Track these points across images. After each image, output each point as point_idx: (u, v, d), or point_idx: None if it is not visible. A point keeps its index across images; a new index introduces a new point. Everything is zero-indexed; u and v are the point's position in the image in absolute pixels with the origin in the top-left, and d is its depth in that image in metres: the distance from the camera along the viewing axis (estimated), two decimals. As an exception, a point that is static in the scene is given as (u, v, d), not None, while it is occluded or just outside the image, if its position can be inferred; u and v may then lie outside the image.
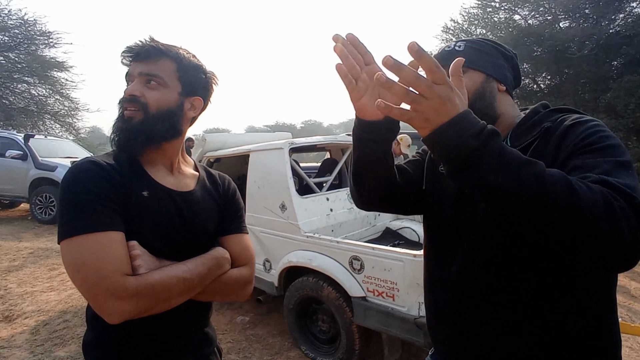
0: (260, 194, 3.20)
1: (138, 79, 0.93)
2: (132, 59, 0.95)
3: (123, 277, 0.77)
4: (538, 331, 0.82)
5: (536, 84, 12.26)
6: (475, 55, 0.95)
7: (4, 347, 3.04)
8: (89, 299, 0.78)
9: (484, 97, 0.94)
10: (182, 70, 0.97)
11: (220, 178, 1.17)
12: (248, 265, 1.08)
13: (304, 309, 2.90)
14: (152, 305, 0.82)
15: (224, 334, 3.27)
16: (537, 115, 0.91)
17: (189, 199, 1.01)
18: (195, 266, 0.91)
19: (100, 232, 0.79)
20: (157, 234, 0.91)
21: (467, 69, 0.95)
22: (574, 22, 10.92)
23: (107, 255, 0.78)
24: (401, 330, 2.18)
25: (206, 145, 3.85)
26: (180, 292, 0.86)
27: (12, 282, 4.41)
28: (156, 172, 0.98)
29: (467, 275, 0.93)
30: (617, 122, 8.97)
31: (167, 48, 0.96)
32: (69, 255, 0.78)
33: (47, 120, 16.18)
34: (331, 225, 3.14)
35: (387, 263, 2.25)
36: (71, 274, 0.79)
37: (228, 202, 1.13)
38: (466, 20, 13.05)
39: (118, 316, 0.77)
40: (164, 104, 0.94)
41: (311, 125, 55.70)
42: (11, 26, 13.93)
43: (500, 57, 0.97)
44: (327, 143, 3.86)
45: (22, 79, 15.10)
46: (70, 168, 0.86)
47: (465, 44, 0.97)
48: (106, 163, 0.88)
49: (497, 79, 0.96)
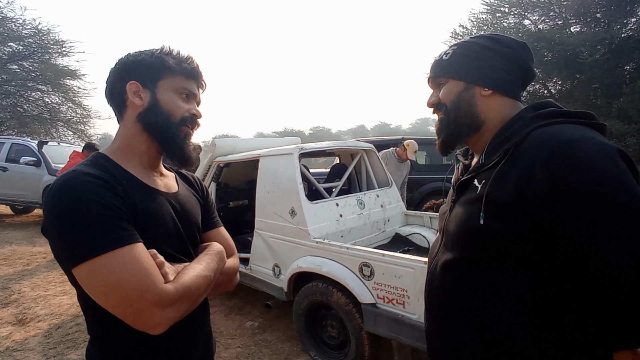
0: (270, 199, 3.21)
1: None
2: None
3: (163, 286, 0.77)
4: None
5: (547, 89, 12.13)
6: (458, 63, 0.94)
7: (18, 350, 3.08)
8: (130, 315, 0.74)
9: (459, 107, 0.94)
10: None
11: (190, 176, 1.20)
12: (235, 255, 1.14)
13: (314, 314, 2.89)
14: (190, 307, 0.84)
15: (233, 339, 3.28)
16: (518, 122, 0.85)
17: (179, 200, 1.02)
18: (208, 263, 0.93)
19: (125, 245, 0.76)
20: (166, 238, 0.92)
21: (445, 80, 0.97)
22: (585, 27, 10.82)
23: (142, 268, 0.76)
24: (411, 338, 2.16)
25: (216, 150, 3.88)
26: (205, 290, 0.89)
27: (26, 286, 4.47)
28: (144, 176, 0.96)
29: (435, 275, 0.96)
30: (631, 128, 8.83)
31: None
32: (98, 276, 0.74)
33: (59, 127, 16.38)
34: (341, 231, 3.13)
35: (398, 270, 2.24)
36: (103, 295, 0.75)
37: (205, 198, 1.18)
38: (475, 26, 12.99)
39: (165, 325, 0.77)
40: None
41: (319, 132, 55.72)
42: (25, 35, 14.17)
43: (492, 57, 0.92)
44: (337, 148, 3.87)
45: (36, 87, 15.33)
46: (62, 185, 0.79)
47: (455, 50, 0.96)
48: (98, 173, 0.83)
49: (480, 84, 0.92)
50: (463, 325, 0.86)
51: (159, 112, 0.94)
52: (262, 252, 3.29)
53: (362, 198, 3.50)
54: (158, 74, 0.95)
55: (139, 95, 0.94)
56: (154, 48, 0.98)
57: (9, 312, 3.80)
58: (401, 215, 3.90)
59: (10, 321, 3.60)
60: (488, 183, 0.80)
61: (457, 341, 0.88)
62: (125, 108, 0.96)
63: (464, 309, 0.86)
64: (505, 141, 0.83)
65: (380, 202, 3.68)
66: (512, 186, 0.75)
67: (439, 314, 0.95)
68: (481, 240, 0.81)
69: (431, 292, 0.99)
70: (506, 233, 0.76)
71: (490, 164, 0.83)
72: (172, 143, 0.97)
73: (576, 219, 0.67)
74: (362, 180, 4.07)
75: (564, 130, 0.74)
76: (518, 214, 0.74)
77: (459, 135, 0.96)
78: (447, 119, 0.96)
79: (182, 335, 0.97)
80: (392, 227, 3.71)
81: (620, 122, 8.87)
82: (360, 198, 3.48)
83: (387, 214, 3.69)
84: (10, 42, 14.06)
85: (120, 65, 0.96)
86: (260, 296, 3.82)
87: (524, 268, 0.76)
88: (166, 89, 0.95)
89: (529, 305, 0.76)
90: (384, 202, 3.71)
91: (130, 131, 0.96)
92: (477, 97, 0.92)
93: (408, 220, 3.94)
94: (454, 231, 0.90)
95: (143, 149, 0.97)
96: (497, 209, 0.77)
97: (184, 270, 0.86)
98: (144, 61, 0.95)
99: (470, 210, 0.85)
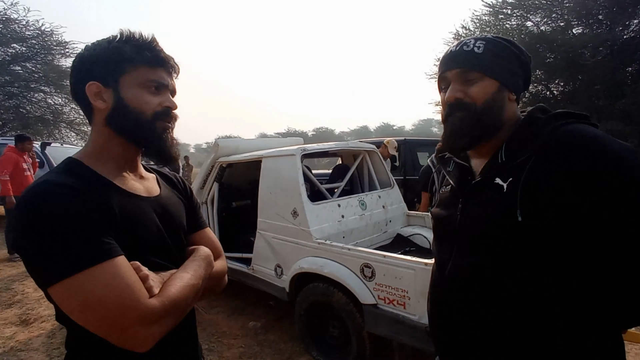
0: (272, 200, 3.23)
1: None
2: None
3: (148, 302, 0.72)
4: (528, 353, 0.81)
5: (549, 90, 12.12)
6: (493, 61, 0.89)
7: (22, 350, 3.10)
8: (114, 335, 0.70)
9: (492, 108, 0.90)
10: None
11: (172, 176, 1.12)
12: (222, 257, 1.07)
13: (315, 314, 2.90)
14: (178, 320, 0.80)
15: (236, 339, 3.29)
16: (534, 123, 0.87)
17: (162, 203, 0.95)
18: (195, 270, 0.88)
19: (106, 261, 0.70)
20: (150, 247, 0.86)
21: (482, 76, 0.90)
22: (587, 28, 10.81)
23: (123, 284, 0.70)
24: (412, 338, 2.17)
25: (219, 150, 3.89)
26: (193, 299, 0.85)
27: (29, 287, 4.49)
28: (123, 181, 0.88)
29: (457, 280, 0.92)
30: (633, 129, 8.82)
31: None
32: (77, 295, 0.68)
33: (62, 128, 16.45)
34: (342, 232, 3.14)
35: (399, 271, 2.25)
36: (83, 315, 0.69)
37: (189, 199, 1.10)
38: (478, 27, 12.99)
39: (152, 342, 0.72)
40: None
41: (322, 133, 55.65)
42: (29, 37, 14.21)
43: (516, 63, 0.92)
44: (339, 149, 3.88)
45: (39, 88, 15.38)
46: (32, 197, 0.71)
47: (485, 45, 0.90)
48: (72, 182, 0.76)
49: (510, 88, 0.91)
50: (490, 330, 0.85)
51: (126, 112, 0.84)
52: (264, 252, 3.30)
53: (364, 199, 3.51)
54: (118, 68, 0.84)
55: (101, 97, 0.84)
56: (112, 36, 0.87)
57: (13, 312, 3.82)
58: (403, 216, 3.91)
59: (14, 322, 3.62)
60: (521, 180, 0.80)
61: (484, 345, 0.87)
62: (91, 111, 0.87)
63: (496, 313, 0.84)
64: (527, 140, 0.84)
65: (382, 203, 3.69)
66: (551, 179, 0.77)
67: (462, 320, 0.91)
68: (516, 239, 0.80)
69: (450, 299, 0.95)
70: (546, 227, 0.77)
71: (517, 162, 0.84)
72: (150, 142, 0.89)
73: (613, 203, 0.72)
74: (364, 181, 4.08)
75: (585, 129, 0.79)
76: (559, 205, 0.75)
77: (483, 136, 0.92)
78: (473, 119, 0.90)
79: (167, 346, 0.89)
80: (393, 228, 3.72)
81: (622, 124, 8.87)
82: (362, 199, 3.49)
83: (389, 215, 3.70)
84: (13, 43, 14.11)
85: (78, 63, 0.86)
86: (262, 297, 3.83)
87: (559, 266, 0.78)
88: (130, 85, 0.85)
89: (564, 303, 0.78)
90: (385, 203, 3.72)
91: (101, 136, 0.87)
92: (506, 101, 0.92)
93: (410, 221, 3.94)
94: (477, 233, 0.88)
95: (119, 153, 0.89)
96: (536, 203, 0.77)
97: (170, 281, 0.81)
98: (100, 56, 0.84)
99: (497, 209, 0.84)
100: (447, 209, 1.01)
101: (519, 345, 0.81)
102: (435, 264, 1.04)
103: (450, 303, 0.95)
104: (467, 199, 0.94)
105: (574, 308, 0.77)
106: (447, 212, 1.00)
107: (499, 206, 0.83)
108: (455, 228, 0.94)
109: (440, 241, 1.04)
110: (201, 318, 3.62)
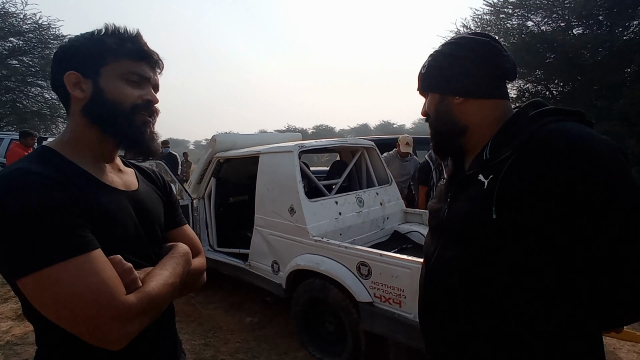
0: (270, 197, 3.22)
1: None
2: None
3: (125, 299, 0.69)
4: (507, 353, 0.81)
5: (548, 90, 12.14)
6: (430, 76, 0.99)
7: (18, 344, 3.10)
8: (86, 332, 0.67)
9: (438, 118, 0.99)
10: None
11: (151, 171, 1.09)
12: (201, 254, 1.06)
13: (311, 310, 2.91)
14: (153, 318, 0.78)
15: (233, 334, 3.30)
16: (520, 119, 0.87)
17: (139, 198, 0.93)
18: (173, 268, 0.86)
19: (82, 254, 0.68)
20: (125, 242, 0.84)
21: (426, 94, 1.02)
22: (587, 29, 10.80)
23: (99, 279, 0.67)
24: (407, 337, 2.18)
25: (216, 145, 3.87)
26: (170, 297, 0.83)
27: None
28: (100, 173, 0.86)
29: (439, 271, 0.94)
30: (631, 130, 8.84)
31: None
32: (48, 290, 0.65)
33: (59, 123, 16.36)
34: (340, 229, 3.14)
35: (395, 270, 2.25)
36: (54, 311, 0.66)
37: (168, 195, 1.08)
38: (479, 26, 12.97)
39: (126, 340, 0.70)
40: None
41: (323, 130, 55.69)
42: (26, 30, 14.14)
43: (455, 64, 0.94)
44: (337, 145, 3.88)
45: (36, 82, 15.32)
46: (4, 186, 0.68)
47: (429, 62, 0.99)
48: (47, 171, 0.73)
49: (451, 93, 0.95)
50: (469, 321, 0.86)
51: (104, 102, 0.83)
52: (261, 248, 3.30)
53: (361, 196, 3.51)
54: (99, 59, 0.84)
55: (79, 87, 0.83)
56: (96, 29, 0.87)
57: (9, 307, 3.82)
58: (400, 212, 3.91)
59: (10, 316, 3.62)
60: (499, 177, 0.80)
61: (464, 337, 0.87)
62: (69, 101, 0.86)
63: (473, 305, 0.85)
64: (511, 138, 0.84)
65: (380, 200, 3.69)
66: (527, 180, 0.76)
67: (442, 310, 0.93)
68: (492, 235, 0.81)
69: (431, 289, 0.97)
70: (519, 226, 0.77)
71: (499, 160, 0.84)
72: (126, 135, 0.87)
73: (589, 211, 0.71)
74: (362, 178, 4.08)
75: (569, 128, 0.77)
76: (532, 206, 0.75)
77: (446, 141, 1.01)
78: (434, 129, 1.02)
79: (145, 342, 0.86)
80: (390, 225, 3.72)
81: (620, 124, 8.89)
82: (359, 196, 3.49)
83: (387, 212, 3.70)
84: (10, 37, 14.03)
85: (59, 53, 0.85)
86: (259, 292, 3.83)
87: (535, 265, 0.77)
88: (110, 76, 0.84)
89: (537, 296, 0.78)
90: (383, 199, 3.72)
91: (78, 126, 0.85)
92: (453, 106, 0.96)
93: (407, 217, 3.95)
94: (459, 227, 0.89)
95: (95, 144, 0.86)
96: (510, 202, 0.77)
97: (147, 278, 0.79)
98: (82, 47, 0.84)
99: (478, 205, 0.85)
100: (439, 202, 1.03)
101: (497, 338, 0.82)
102: (424, 255, 1.07)
103: (432, 294, 0.97)
104: (454, 194, 0.95)
105: (551, 307, 0.77)
106: (439, 205, 1.03)
107: (480, 202, 0.84)
108: (442, 221, 0.97)
109: (431, 233, 1.06)
110: (198, 313, 3.62)
